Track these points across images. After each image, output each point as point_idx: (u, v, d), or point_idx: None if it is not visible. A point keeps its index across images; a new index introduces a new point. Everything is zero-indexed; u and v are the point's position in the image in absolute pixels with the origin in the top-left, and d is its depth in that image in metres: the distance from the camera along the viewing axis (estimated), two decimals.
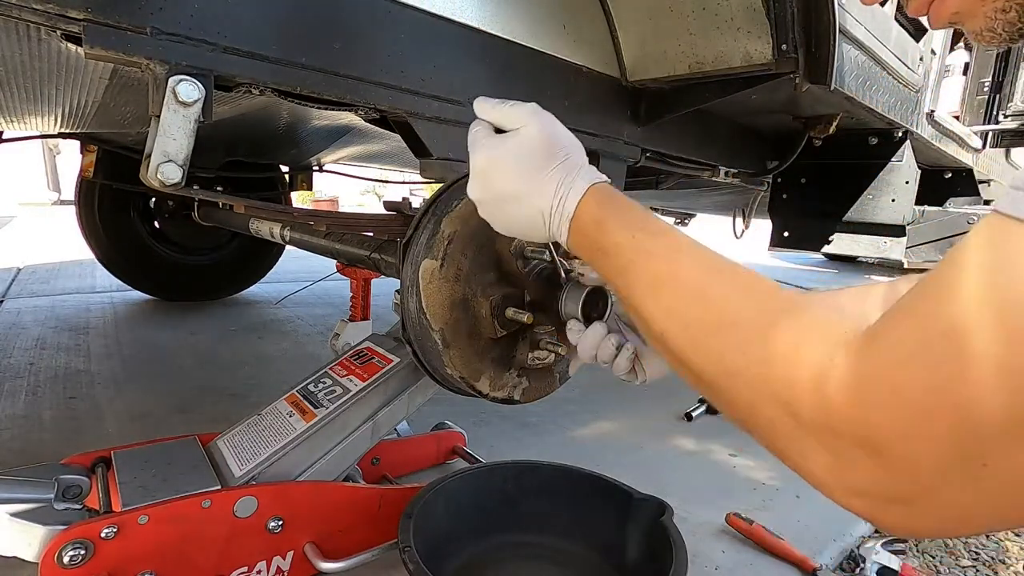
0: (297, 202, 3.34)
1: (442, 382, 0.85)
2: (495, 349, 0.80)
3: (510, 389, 0.83)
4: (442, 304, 0.75)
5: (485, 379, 0.80)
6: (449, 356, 0.76)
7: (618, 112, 1.24)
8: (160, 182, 0.68)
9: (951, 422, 0.30)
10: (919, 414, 0.31)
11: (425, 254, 0.74)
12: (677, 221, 3.51)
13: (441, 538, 0.87)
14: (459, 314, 0.76)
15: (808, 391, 0.36)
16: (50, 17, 0.59)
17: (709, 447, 1.48)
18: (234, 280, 2.97)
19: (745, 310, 0.42)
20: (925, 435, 0.31)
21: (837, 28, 0.97)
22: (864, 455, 0.33)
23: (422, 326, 0.75)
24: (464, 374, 0.77)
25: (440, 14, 0.90)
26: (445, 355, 0.75)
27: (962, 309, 0.30)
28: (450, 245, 0.74)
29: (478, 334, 0.78)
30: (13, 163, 9.36)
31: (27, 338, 2.08)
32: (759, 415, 0.40)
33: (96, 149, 2.19)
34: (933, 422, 0.30)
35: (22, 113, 1.32)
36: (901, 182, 1.61)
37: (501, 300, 0.77)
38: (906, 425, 0.31)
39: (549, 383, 0.87)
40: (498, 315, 0.77)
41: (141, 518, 0.73)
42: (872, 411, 0.33)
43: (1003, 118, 2.17)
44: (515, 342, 0.82)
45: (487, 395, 0.80)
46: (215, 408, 1.54)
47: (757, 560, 1.02)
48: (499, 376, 0.81)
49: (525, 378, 0.84)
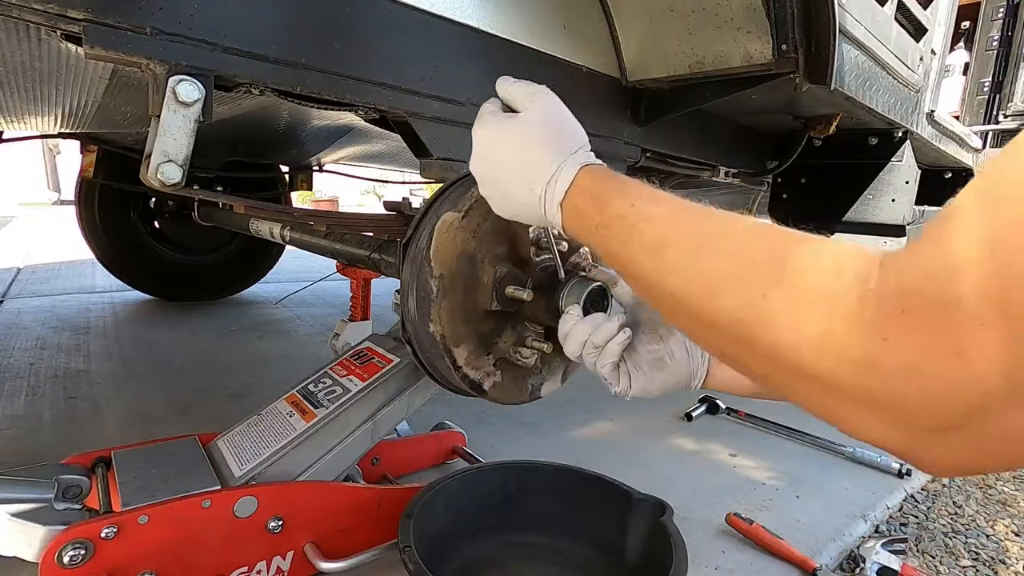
0: (297, 202, 3.34)
1: (422, 341, 0.81)
2: (483, 323, 0.79)
3: (482, 375, 0.80)
4: (451, 253, 0.75)
5: (464, 349, 0.78)
6: (439, 309, 0.74)
7: (618, 112, 1.24)
8: (160, 182, 0.68)
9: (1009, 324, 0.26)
10: (969, 321, 0.28)
11: (449, 207, 0.75)
12: None
13: (441, 538, 0.87)
14: (463, 267, 0.76)
15: (839, 319, 0.33)
16: (50, 17, 0.59)
17: (709, 447, 1.48)
18: (234, 280, 2.97)
19: (759, 252, 0.40)
20: (979, 343, 0.27)
21: (837, 28, 0.97)
22: (908, 381, 0.30)
23: (422, 271, 0.75)
24: (446, 333, 0.76)
25: (440, 14, 0.90)
26: (435, 307, 0.74)
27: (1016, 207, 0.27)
28: (476, 203, 0.75)
29: (473, 299, 0.78)
30: (13, 163, 9.37)
31: (27, 338, 2.08)
32: (785, 359, 0.36)
33: (96, 149, 2.19)
34: (986, 329, 0.27)
35: (22, 113, 1.32)
36: (901, 182, 1.61)
37: (505, 275, 0.78)
38: (956, 335, 0.28)
39: (519, 390, 0.85)
40: (498, 288, 0.77)
41: (141, 518, 0.73)
42: (914, 326, 0.30)
43: (1003, 118, 2.17)
44: (503, 328, 0.82)
45: (459, 367, 0.78)
46: (215, 408, 1.54)
47: (757, 560, 1.02)
48: (477, 354, 0.80)
49: (500, 372, 0.82)
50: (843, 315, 0.33)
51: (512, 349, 0.82)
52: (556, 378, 0.90)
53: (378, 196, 14.51)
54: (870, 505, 1.23)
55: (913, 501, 1.32)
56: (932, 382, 0.30)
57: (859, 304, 0.32)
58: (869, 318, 0.32)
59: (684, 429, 1.59)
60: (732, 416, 1.68)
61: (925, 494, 1.37)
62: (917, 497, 1.34)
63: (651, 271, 0.47)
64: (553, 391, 0.89)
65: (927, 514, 1.28)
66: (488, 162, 0.62)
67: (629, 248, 0.49)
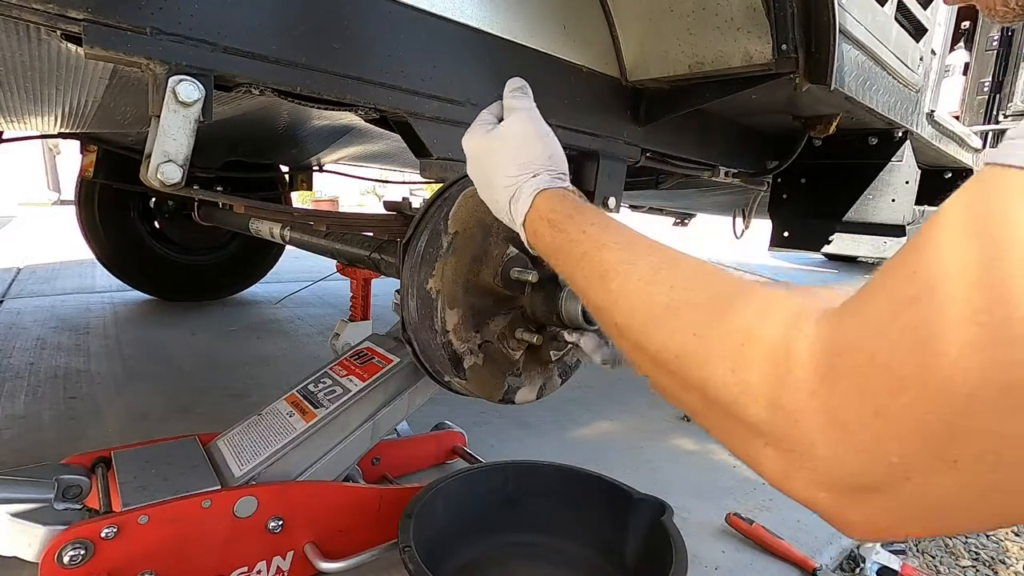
0: (297, 202, 3.33)
1: (420, 295, 0.79)
2: (480, 298, 0.80)
3: (465, 350, 0.80)
4: (468, 216, 0.77)
5: (455, 315, 0.78)
6: (444, 264, 0.76)
7: (618, 112, 1.24)
8: (160, 182, 0.68)
9: (929, 392, 0.26)
10: (893, 384, 0.28)
11: None
12: (677, 221, 3.51)
13: (441, 538, 0.87)
14: (476, 234, 0.78)
15: (769, 366, 0.33)
16: (50, 17, 0.59)
17: (709, 447, 1.48)
18: (234, 280, 2.96)
19: (699, 291, 0.40)
20: (900, 407, 0.27)
21: (837, 28, 0.97)
22: (830, 437, 0.30)
23: (436, 228, 0.77)
24: (444, 291, 0.76)
25: (440, 14, 0.90)
26: (440, 262, 0.75)
27: (947, 264, 0.27)
28: None
29: (478, 269, 0.79)
30: (13, 163, 9.37)
31: (27, 338, 2.08)
32: (713, 398, 0.36)
33: (96, 149, 2.19)
34: (909, 392, 0.27)
35: (22, 113, 1.32)
36: (901, 182, 1.61)
37: (514, 257, 0.80)
38: (878, 397, 0.28)
39: (494, 387, 0.85)
40: (505, 266, 0.79)
41: (141, 518, 0.73)
42: (841, 383, 0.30)
43: (1003, 118, 2.17)
44: (498, 312, 0.82)
45: (446, 332, 0.77)
46: (215, 408, 1.54)
47: (757, 560, 1.02)
48: (466, 327, 0.80)
49: (482, 357, 0.82)
50: (775, 362, 0.33)
51: (502, 333, 0.82)
52: (532, 389, 0.90)
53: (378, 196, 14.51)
54: None
55: None
56: (854, 439, 0.30)
57: (792, 354, 0.32)
58: (801, 369, 0.32)
59: (684, 429, 1.59)
60: None
61: None
62: None
63: (599, 299, 0.49)
64: (525, 402, 0.89)
65: None
66: (472, 170, 0.67)
67: (579, 274, 0.51)
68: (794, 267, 6.01)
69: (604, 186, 1.26)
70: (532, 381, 0.89)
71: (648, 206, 3.12)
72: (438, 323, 0.77)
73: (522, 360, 0.85)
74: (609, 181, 1.27)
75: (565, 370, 0.94)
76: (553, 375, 0.92)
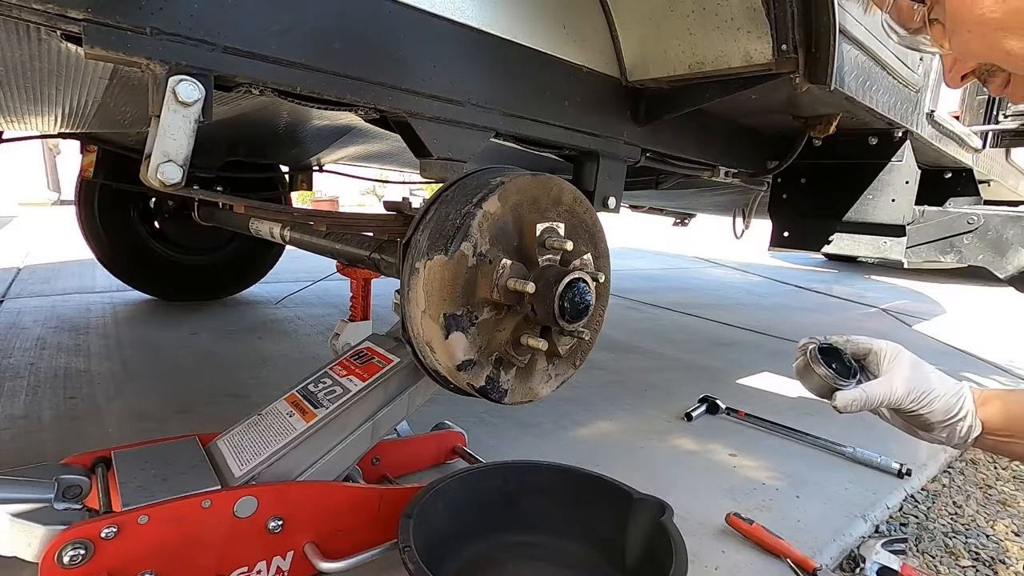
0: (297, 202, 3.33)
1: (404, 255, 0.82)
2: (474, 286, 0.80)
3: (443, 325, 0.79)
4: (508, 208, 0.82)
5: (448, 303, 0.78)
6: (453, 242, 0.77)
7: (618, 112, 1.24)
8: (160, 182, 0.68)
9: None
10: None
11: (491, 192, 0.80)
12: (677, 221, 3.51)
13: (441, 538, 0.87)
14: (491, 225, 0.80)
15: None
16: (50, 17, 0.59)
17: (709, 447, 1.48)
18: (234, 280, 2.97)
19: None
20: None
21: (837, 28, 0.97)
22: None
23: (458, 210, 0.79)
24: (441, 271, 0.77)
25: (440, 14, 0.90)
26: (455, 240, 0.76)
27: None
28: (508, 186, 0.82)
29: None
30: (13, 163, 9.37)
31: (27, 338, 2.08)
32: None
33: (96, 149, 2.19)
34: None
35: (22, 113, 1.32)
36: (901, 182, 1.61)
37: (511, 268, 0.80)
38: None
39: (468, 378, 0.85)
40: (502, 276, 0.79)
41: (141, 518, 0.73)
42: None
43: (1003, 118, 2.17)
44: (491, 313, 0.83)
45: (432, 308, 0.77)
46: (215, 408, 1.54)
47: (757, 560, 1.02)
48: (454, 303, 0.79)
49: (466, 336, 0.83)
50: None
51: (480, 337, 0.83)
52: (550, 385, 0.92)
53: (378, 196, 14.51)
54: (870, 505, 1.23)
55: (913, 501, 1.32)
56: None
57: None
58: None
59: (684, 429, 1.59)
60: (732, 416, 1.68)
61: (925, 494, 1.37)
62: (917, 497, 1.34)
63: None
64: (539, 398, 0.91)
65: (927, 514, 1.28)
66: None
67: None
68: (794, 267, 6.01)
69: (604, 186, 1.26)
70: (547, 378, 0.92)
71: (648, 206, 3.12)
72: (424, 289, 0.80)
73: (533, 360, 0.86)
74: (609, 181, 1.27)
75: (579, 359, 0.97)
76: (568, 367, 0.95)
